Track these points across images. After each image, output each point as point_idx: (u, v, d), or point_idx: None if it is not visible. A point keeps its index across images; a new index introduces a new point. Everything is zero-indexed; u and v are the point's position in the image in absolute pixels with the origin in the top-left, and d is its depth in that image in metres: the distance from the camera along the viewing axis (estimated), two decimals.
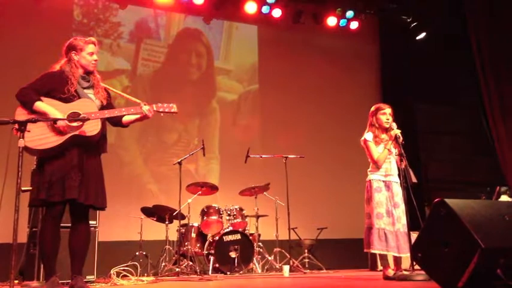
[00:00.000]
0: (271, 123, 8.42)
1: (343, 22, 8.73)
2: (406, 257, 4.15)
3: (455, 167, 8.45)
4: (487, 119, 8.53)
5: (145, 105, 3.44)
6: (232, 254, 5.89)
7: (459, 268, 2.63)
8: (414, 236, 3.54)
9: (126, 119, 3.54)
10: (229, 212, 6.32)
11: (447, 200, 2.80)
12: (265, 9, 8.25)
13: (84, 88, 3.39)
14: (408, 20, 8.88)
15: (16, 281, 4.29)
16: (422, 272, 3.26)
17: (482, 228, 2.64)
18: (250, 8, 8.18)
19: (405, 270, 4.18)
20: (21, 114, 3.17)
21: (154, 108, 3.48)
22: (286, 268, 5.67)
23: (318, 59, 8.91)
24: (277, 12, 8.32)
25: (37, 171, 3.31)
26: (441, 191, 7.95)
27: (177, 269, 5.52)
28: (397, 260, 4.27)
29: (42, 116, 3.18)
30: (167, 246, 6.14)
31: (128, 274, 4.48)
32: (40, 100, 3.21)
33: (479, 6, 8.56)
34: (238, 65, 8.52)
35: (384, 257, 4.31)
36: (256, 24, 8.64)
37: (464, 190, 7.88)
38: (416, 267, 3.41)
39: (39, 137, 3.15)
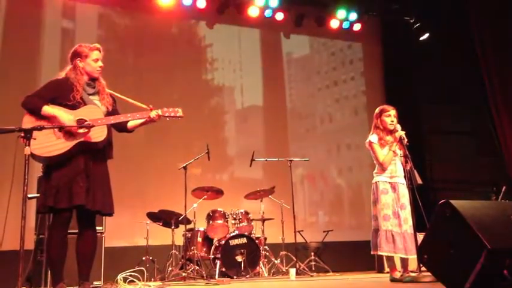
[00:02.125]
0: (276, 126, 8.44)
1: (346, 24, 8.75)
2: (413, 258, 4.14)
3: (461, 167, 8.42)
4: (492, 118, 8.49)
5: (151, 110, 3.46)
6: (239, 258, 5.89)
7: (465, 269, 2.62)
8: (421, 237, 3.54)
9: (131, 124, 3.56)
10: (234, 216, 6.32)
11: (452, 201, 2.80)
12: (268, 12, 8.29)
13: (90, 94, 3.41)
14: (411, 21, 8.87)
15: None
16: (429, 274, 3.26)
17: (488, 229, 2.64)
18: (253, 11, 8.22)
19: (412, 272, 4.17)
20: (28, 122, 3.19)
21: (160, 113, 3.50)
22: (292, 271, 5.67)
23: (321, 61, 8.93)
24: (279, 16, 8.35)
25: (44, 178, 3.34)
26: (447, 191, 7.92)
27: (183, 274, 5.53)
28: (404, 262, 4.26)
29: (52, 120, 3.21)
30: (173, 251, 6.15)
31: (134, 279, 4.48)
32: (47, 104, 3.24)
33: (482, 5, 8.54)
34: (242, 68, 8.54)
35: (390, 259, 4.31)
36: (259, 28, 8.67)
37: (470, 190, 7.85)
38: (423, 268, 3.41)
39: (46, 144, 3.17)
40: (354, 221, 8.55)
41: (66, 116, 3.22)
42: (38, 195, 3.26)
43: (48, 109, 3.23)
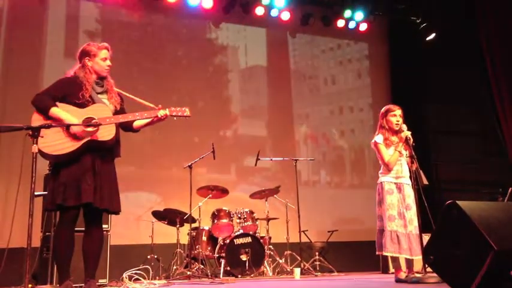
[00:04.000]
0: (281, 126, 8.45)
1: (352, 24, 8.74)
2: (418, 259, 4.13)
3: (467, 167, 8.39)
4: (498, 118, 8.46)
5: (159, 109, 3.48)
6: (243, 257, 5.90)
7: (472, 271, 2.61)
8: (426, 238, 3.53)
9: (137, 124, 3.57)
10: (239, 215, 6.33)
11: (459, 202, 2.79)
12: (274, 12, 8.29)
13: (98, 93, 3.42)
14: (418, 21, 8.84)
15: (30, 285, 4.33)
16: (435, 275, 3.25)
17: (495, 230, 2.63)
18: (259, 11, 8.22)
19: (417, 272, 4.16)
20: (37, 120, 3.21)
21: (168, 113, 3.51)
22: (297, 271, 5.67)
23: (327, 61, 8.94)
24: (285, 15, 8.35)
25: (51, 176, 3.35)
26: (452, 192, 7.89)
27: (188, 272, 5.55)
28: (409, 263, 4.25)
29: (58, 122, 3.22)
30: (178, 250, 6.17)
31: (140, 277, 4.50)
32: (55, 106, 3.25)
33: (489, 5, 8.50)
34: (247, 68, 8.55)
35: (395, 260, 4.30)
36: (265, 27, 8.67)
37: (475, 191, 7.83)
38: (429, 269, 3.40)
39: (55, 143, 3.18)
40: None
41: (73, 121, 3.23)
42: (45, 193, 3.26)
43: (55, 111, 3.23)
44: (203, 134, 7.62)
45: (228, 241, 5.97)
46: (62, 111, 3.24)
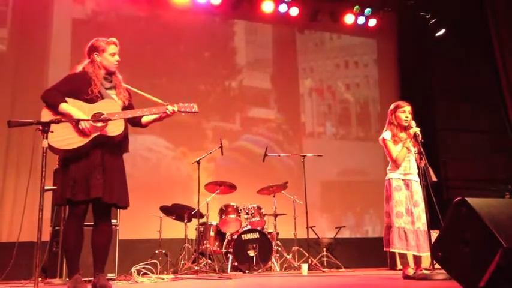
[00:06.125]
0: (289, 122, 8.44)
1: (361, 20, 8.71)
2: (426, 256, 4.13)
3: (475, 165, 8.35)
4: (507, 115, 8.39)
5: (167, 105, 3.49)
6: (251, 253, 5.92)
7: (480, 267, 2.60)
8: (434, 234, 3.52)
9: (145, 119, 3.58)
10: (247, 211, 6.35)
11: (468, 199, 2.77)
12: (282, 7, 8.27)
13: (107, 89, 3.44)
14: (427, 17, 8.78)
15: (39, 279, 4.37)
16: (443, 271, 3.24)
17: (504, 227, 2.61)
18: (267, 7, 8.21)
19: (425, 269, 4.16)
20: (46, 115, 3.22)
21: (176, 109, 3.51)
22: (304, 267, 5.68)
23: (335, 57, 8.91)
24: (294, 11, 8.33)
25: (61, 170, 3.36)
26: (461, 189, 7.87)
27: (196, 267, 5.57)
28: (417, 259, 4.24)
29: (67, 117, 3.24)
30: (186, 245, 6.20)
31: (148, 272, 4.53)
32: (65, 101, 3.27)
33: (499, 0, 8.42)
34: (254, 63, 8.54)
35: (403, 256, 4.29)
36: (273, 23, 8.65)
37: (484, 188, 7.79)
38: (437, 266, 3.40)
39: (65, 137, 3.20)
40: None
41: (82, 117, 3.25)
42: (55, 187, 3.28)
43: (65, 107, 3.25)
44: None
45: (235, 236, 5.99)
46: (71, 107, 3.25)
